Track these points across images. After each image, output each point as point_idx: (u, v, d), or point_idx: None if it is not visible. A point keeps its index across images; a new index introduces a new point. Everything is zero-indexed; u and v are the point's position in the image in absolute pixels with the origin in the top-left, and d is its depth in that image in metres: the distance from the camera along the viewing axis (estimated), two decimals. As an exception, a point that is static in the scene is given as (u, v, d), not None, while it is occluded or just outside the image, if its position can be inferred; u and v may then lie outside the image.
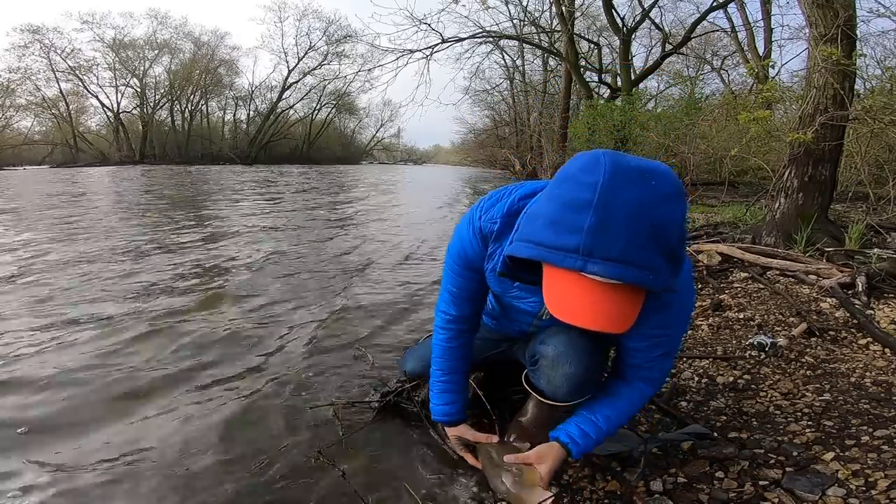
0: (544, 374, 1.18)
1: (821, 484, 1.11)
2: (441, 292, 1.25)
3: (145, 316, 2.64)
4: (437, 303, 1.28)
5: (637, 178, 0.71)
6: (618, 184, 0.70)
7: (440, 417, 1.31)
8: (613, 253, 0.70)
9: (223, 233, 5.46)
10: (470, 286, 1.18)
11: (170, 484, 1.34)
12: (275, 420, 1.65)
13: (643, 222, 0.70)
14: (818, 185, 3.50)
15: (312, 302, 2.96)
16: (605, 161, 0.72)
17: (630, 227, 0.69)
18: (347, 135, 45.21)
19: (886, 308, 2.30)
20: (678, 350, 1.15)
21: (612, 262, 0.70)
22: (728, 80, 16.89)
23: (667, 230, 0.71)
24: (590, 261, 0.70)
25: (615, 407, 1.14)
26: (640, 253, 0.70)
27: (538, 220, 0.77)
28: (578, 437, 1.11)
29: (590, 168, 0.72)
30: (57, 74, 29.96)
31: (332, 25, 36.48)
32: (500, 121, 30.32)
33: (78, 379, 1.91)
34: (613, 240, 0.69)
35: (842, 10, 3.25)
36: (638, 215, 0.69)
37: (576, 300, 0.75)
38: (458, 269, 1.15)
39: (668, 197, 0.71)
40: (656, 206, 0.70)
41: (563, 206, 0.73)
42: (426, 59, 11.10)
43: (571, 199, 0.72)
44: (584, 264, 0.70)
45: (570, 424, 1.14)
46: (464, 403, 1.32)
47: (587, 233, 0.70)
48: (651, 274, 0.71)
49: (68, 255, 4.10)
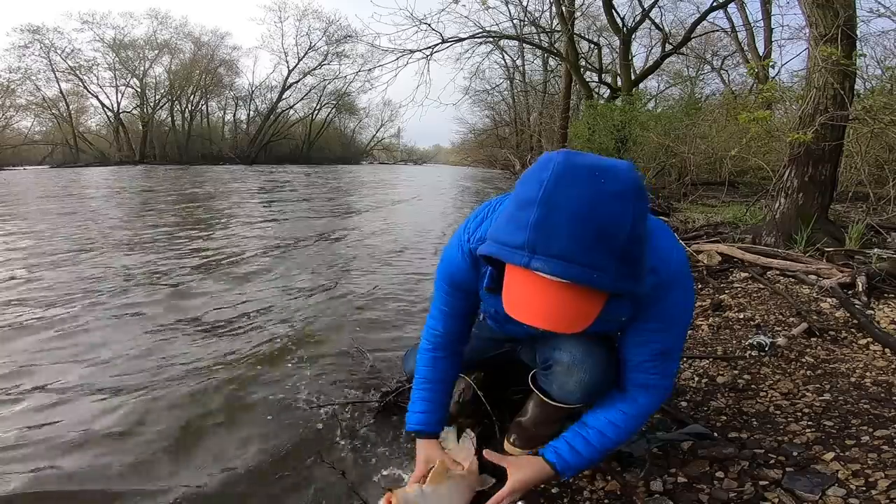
0: (557, 379, 1.16)
1: (821, 484, 1.11)
2: (431, 308, 1.23)
3: (144, 315, 2.65)
4: (428, 317, 1.25)
5: (585, 176, 0.70)
6: (564, 181, 0.70)
7: (414, 426, 1.22)
8: (555, 250, 0.69)
9: (222, 233, 5.46)
10: (460, 305, 1.17)
11: (169, 483, 1.34)
12: (274, 420, 1.65)
13: (586, 220, 0.69)
14: (818, 185, 3.50)
15: (312, 301, 2.96)
16: (557, 159, 0.72)
17: (572, 224, 0.69)
18: (347, 135, 45.19)
19: (886, 308, 2.30)
20: (680, 350, 1.12)
21: (553, 258, 0.69)
22: (728, 80, 16.89)
23: (615, 230, 0.70)
24: (534, 257, 0.70)
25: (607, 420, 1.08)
26: (584, 251, 0.69)
27: (501, 218, 0.78)
28: (566, 451, 1.07)
29: (542, 166, 0.73)
30: (57, 74, 29.96)
31: (332, 25, 36.47)
32: (500, 121, 30.35)
33: (70, 380, 1.91)
34: (555, 236, 0.69)
35: (842, 10, 3.25)
36: (581, 213, 0.69)
37: (528, 299, 0.75)
38: (449, 289, 1.14)
39: (617, 195, 0.70)
40: (603, 205, 0.69)
41: (516, 204, 0.74)
42: (426, 59, 11.09)
43: (523, 197, 0.73)
44: (529, 260, 0.71)
45: (557, 441, 1.10)
46: (441, 417, 1.25)
47: (531, 229, 0.70)
48: (596, 273, 0.70)
49: (68, 254, 4.11)
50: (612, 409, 1.09)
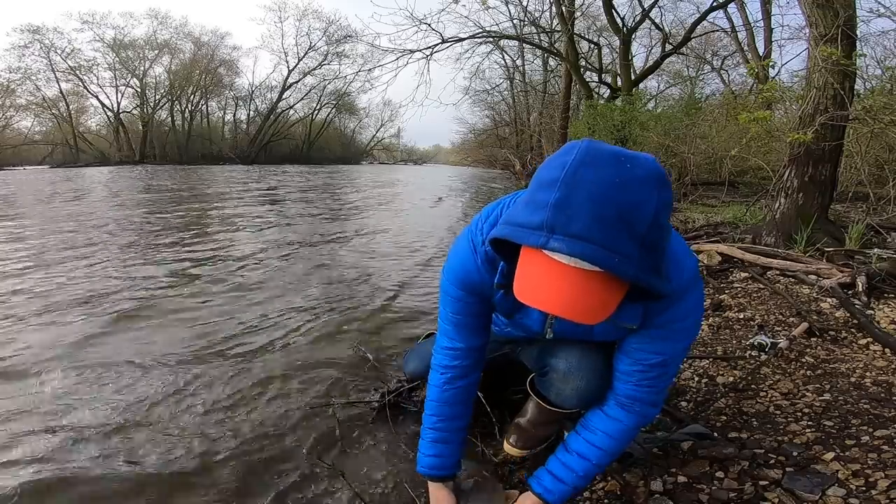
0: (554, 385, 1.16)
1: (821, 484, 1.11)
2: (440, 324, 1.10)
3: (143, 314, 2.64)
4: (437, 338, 1.13)
5: (610, 159, 0.68)
6: (587, 162, 0.68)
7: (426, 470, 1.13)
8: (575, 229, 0.65)
9: (222, 233, 5.46)
10: (477, 312, 1.06)
11: (169, 482, 1.34)
12: (274, 420, 1.65)
13: (610, 201, 0.66)
14: (818, 185, 3.50)
15: (312, 301, 2.96)
16: (582, 144, 0.70)
17: (595, 203, 0.65)
18: (347, 135, 45.18)
19: (886, 308, 2.30)
20: (677, 368, 1.04)
21: (573, 238, 0.65)
22: (728, 80, 16.88)
23: (638, 215, 0.66)
24: (552, 237, 0.66)
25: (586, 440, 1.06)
26: (606, 232, 0.65)
27: (518, 204, 0.76)
28: (550, 484, 1.06)
29: (566, 151, 0.71)
30: (57, 74, 29.95)
31: (332, 25, 36.46)
32: (500, 121, 30.32)
33: (71, 381, 1.91)
34: (576, 215, 0.66)
35: (842, 10, 3.25)
36: (604, 193, 0.66)
37: (544, 283, 0.70)
38: (463, 294, 1.03)
39: (642, 180, 0.67)
40: (627, 188, 0.66)
41: (536, 186, 0.72)
42: (426, 59, 11.08)
43: (543, 178, 0.71)
44: (547, 240, 0.67)
45: (540, 471, 1.09)
46: (457, 459, 1.15)
47: (550, 208, 0.67)
48: (617, 257, 0.65)
49: (70, 251, 4.11)
50: (595, 431, 1.05)
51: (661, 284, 0.72)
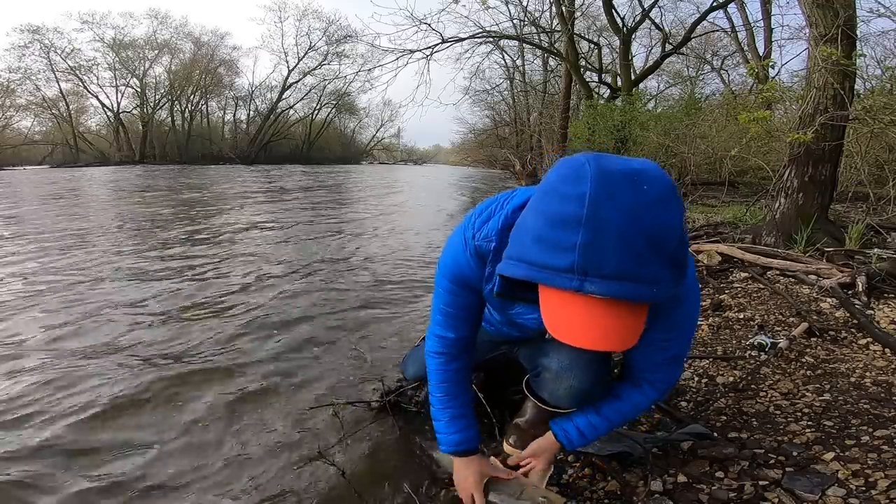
0: (547, 385, 1.17)
1: (821, 484, 1.11)
2: (433, 314, 1.14)
3: (143, 315, 2.64)
4: (430, 326, 1.17)
5: (626, 183, 0.65)
6: (607, 193, 0.64)
7: (454, 447, 1.16)
8: (609, 270, 0.64)
9: (222, 233, 5.46)
10: (467, 304, 1.09)
11: (169, 483, 1.34)
12: (275, 420, 1.65)
13: (639, 232, 0.64)
14: (818, 185, 3.50)
15: (312, 302, 2.96)
16: (591, 169, 0.66)
17: (625, 239, 0.63)
18: (347, 135, 45.18)
19: (886, 308, 2.30)
20: (688, 352, 1.11)
21: (608, 279, 0.64)
22: (728, 80, 16.87)
23: (665, 236, 0.65)
24: (586, 280, 0.64)
25: (617, 409, 1.13)
26: (639, 266, 0.64)
27: (527, 236, 0.71)
28: (575, 436, 1.13)
29: (575, 178, 0.66)
30: (57, 74, 29.95)
31: (332, 25, 36.45)
32: (500, 121, 30.31)
33: (73, 383, 1.91)
34: (608, 256, 0.64)
35: (842, 10, 3.25)
36: (632, 225, 0.63)
37: (574, 320, 0.69)
38: (454, 287, 1.06)
39: (662, 200, 0.65)
40: (651, 212, 0.64)
41: (550, 222, 0.67)
42: (426, 59, 11.08)
43: (558, 214, 0.66)
44: (581, 284, 0.65)
45: (568, 423, 1.14)
46: (478, 429, 1.20)
47: (580, 251, 0.64)
48: (654, 287, 0.65)
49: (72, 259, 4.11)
50: (624, 401, 1.12)
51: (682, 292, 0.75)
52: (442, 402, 1.16)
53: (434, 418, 1.18)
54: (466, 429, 1.16)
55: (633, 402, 1.12)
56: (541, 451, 1.18)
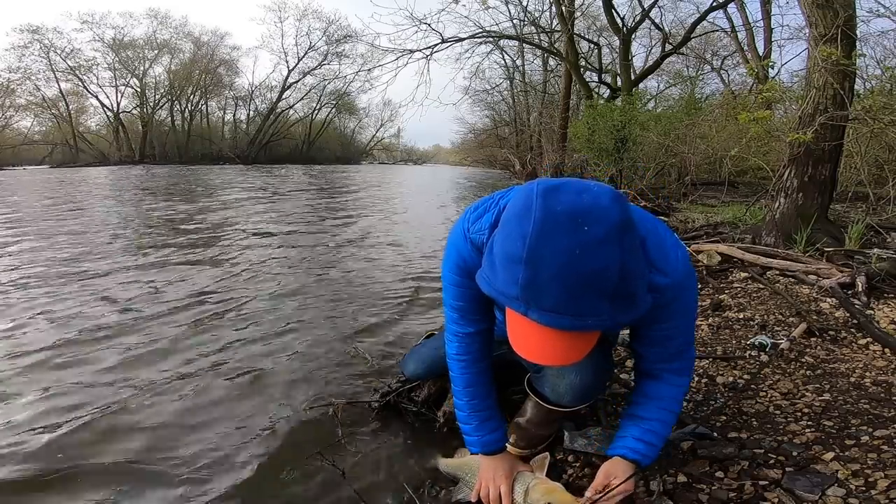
0: (549, 382, 1.18)
1: (821, 484, 1.11)
2: (446, 313, 1.17)
3: (142, 314, 2.64)
4: (446, 327, 1.18)
5: (567, 225, 0.69)
6: (546, 234, 0.70)
7: (486, 448, 1.18)
8: (548, 304, 0.72)
9: (223, 233, 5.46)
10: (477, 296, 1.10)
11: (169, 483, 1.34)
12: (274, 420, 1.65)
13: (573, 273, 0.69)
14: (818, 185, 3.50)
15: (312, 302, 2.96)
16: (536, 207, 0.71)
17: (561, 279, 0.70)
18: (347, 135, 45.17)
19: (886, 308, 2.30)
20: (694, 334, 1.12)
21: (547, 312, 0.72)
22: (728, 80, 16.86)
23: (601, 277, 0.70)
24: (529, 310, 0.74)
25: (656, 406, 1.11)
26: (575, 303, 0.71)
27: (494, 259, 0.79)
28: (644, 449, 1.10)
29: (523, 214, 0.73)
30: (57, 74, 29.96)
31: (332, 25, 36.44)
32: (500, 121, 30.28)
33: (74, 384, 1.91)
34: (545, 293, 0.71)
35: (842, 10, 3.25)
36: (568, 267, 0.69)
37: (528, 338, 0.78)
38: (460, 279, 1.09)
39: (601, 241, 0.69)
40: (588, 255, 0.69)
41: (502, 254, 0.76)
42: (426, 59, 11.09)
43: (507, 250, 0.74)
44: (525, 311, 0.74)
45: (629, 440, 1.11)
46: (506, 426, 1.23)
47: (521, 287, 0.72)
48: (590, 319, 0.73)
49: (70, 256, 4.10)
50: (661, 398, 1.11)
51: (635, 315, 0.79)
52: (470, 405, 1.18)
53: (461, 421, 1.21)
54: (496, 430, 1.19)
55: (667, 393, 1.11)
56: (612, 473, 1.10)
